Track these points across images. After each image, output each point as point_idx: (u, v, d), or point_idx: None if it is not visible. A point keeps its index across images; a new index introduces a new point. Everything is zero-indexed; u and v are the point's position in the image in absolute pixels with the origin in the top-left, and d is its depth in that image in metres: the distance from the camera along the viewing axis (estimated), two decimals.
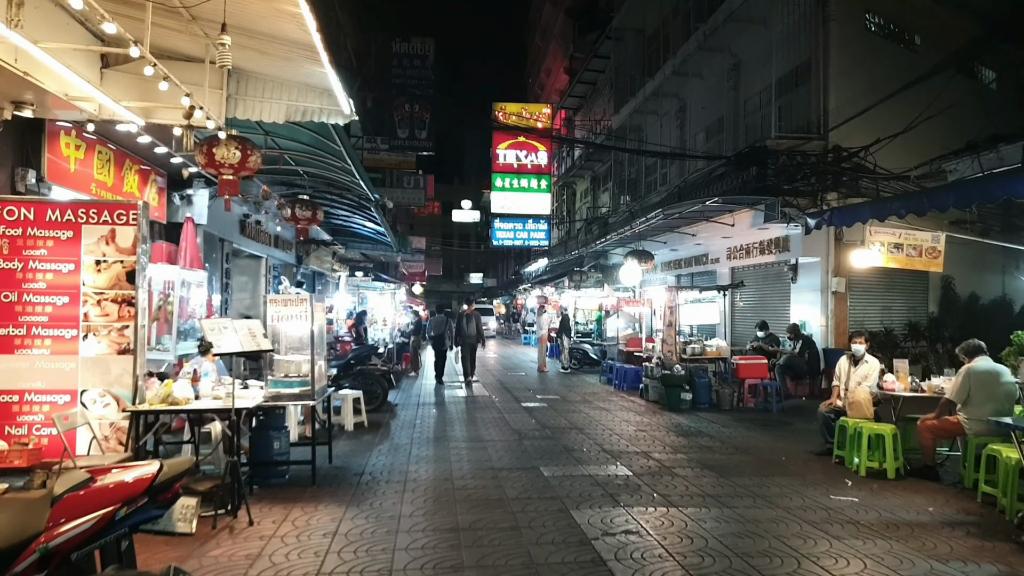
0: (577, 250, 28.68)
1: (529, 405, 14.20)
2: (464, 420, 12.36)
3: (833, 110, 14.79)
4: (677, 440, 10.47)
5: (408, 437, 10.64)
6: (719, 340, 14.89)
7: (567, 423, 11.93)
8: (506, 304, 60.01)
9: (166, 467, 3.51)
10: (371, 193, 11.94)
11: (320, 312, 8.26)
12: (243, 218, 15.86)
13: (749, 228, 16.19)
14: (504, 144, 38.07)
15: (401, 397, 15.52)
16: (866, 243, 9.61)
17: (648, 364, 15.39)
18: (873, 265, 10.19)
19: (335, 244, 23.73)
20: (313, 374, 7.65)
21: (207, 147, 7.48)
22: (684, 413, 13.25)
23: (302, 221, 11.91)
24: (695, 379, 14.10)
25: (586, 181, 37.13)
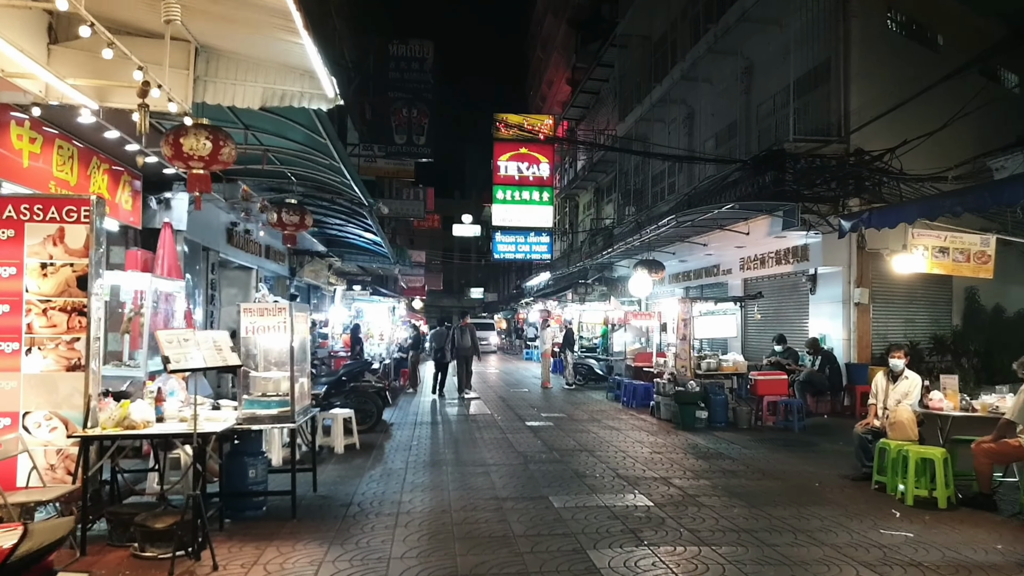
0: (581, 262, 27.83)
1: (534, 424, 13.31)
2: (464, 441, 11.46)
3: (854, 112, 13.99)
4: (696, 463, 9.57)
5: (403, 461, 9.74)
6: (735, 355, 14.02)
7: (576, 444, 11.03)
8: (507, 319, 59.15)
9: (33, 534, 2.58)
10: (364, 197, 11.10)
11: (302, 323, 7.40)
12: (230, 226, 15.04)
13: (765, 237, 15.34)
14: (505, 156, 37.41)
15: (397, 415, 14.63)
16: (908, 247, 8.74)
17: (659, 380, 14.50)
18: (916, 271, 9.31)
19: (330, 256, 22.89)
20: (293, 393, 6.78)
21: (173, 137, 6.63)
22: (700, 432, 12.35)
23: (289, 226, 11.07)
24: (710, 396, 13.21)
25: (589, 193, 36.36)
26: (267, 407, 6.80)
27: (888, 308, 14.79)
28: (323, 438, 10.61)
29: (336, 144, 8.11)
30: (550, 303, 35.04)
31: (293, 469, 6.89)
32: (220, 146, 6.77)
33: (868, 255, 14.20)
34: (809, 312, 15.30)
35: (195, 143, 6.65)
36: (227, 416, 6.59)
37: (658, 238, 16.82)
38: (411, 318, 44.64)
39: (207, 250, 13.86)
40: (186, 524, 5.49)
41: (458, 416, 14.74)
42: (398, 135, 21.36)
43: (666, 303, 15.23)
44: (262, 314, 6.73)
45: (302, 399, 7.19)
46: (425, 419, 14.16)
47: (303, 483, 7.84)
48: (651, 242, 16.71)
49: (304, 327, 7.46)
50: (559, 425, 13.18)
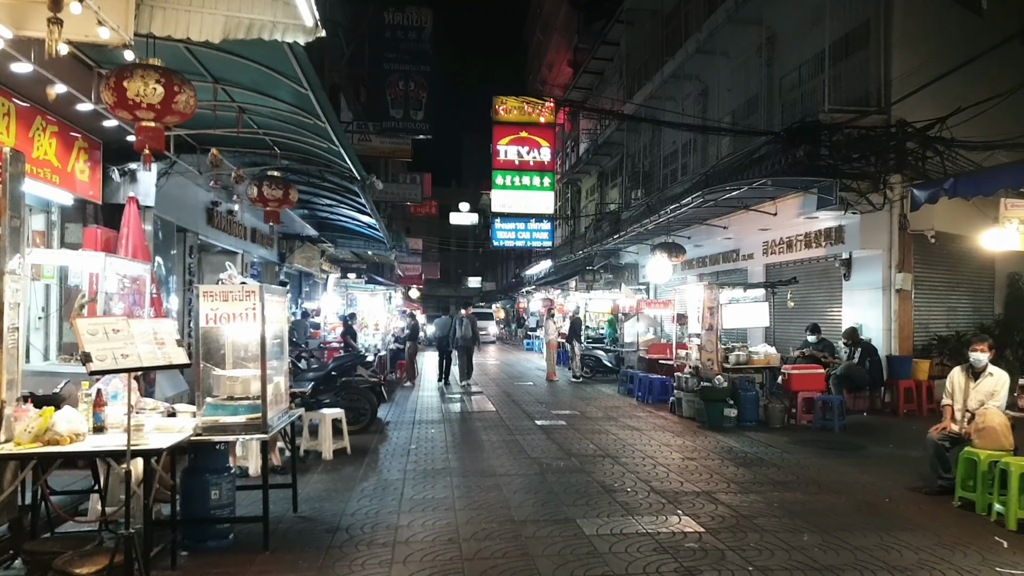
0: (586, 249, 26.55)
1: (544, 423, 12.05)
2: (469, 444, 10.19)
3: (896, 80, 12.69)
4: (738, 472, 8.32)
5: (400, 469, 8.47)
6: (766, 346, 12.75)
7: (595, 448, 9.77)
8: (506, 308, 57.93)
9: None
10: (356, 168, 9.79)
11: (279, 309, 6.11)
12: (211, 206, 13.72)
13: (794, 218, 14.06)
14: (505, 140, 36.17)
15: (394, 412, 13.36)
16: (1001, 220, 7.47)
17: (680, 374, 13.25)
18: (1011, 249, 8.04)
19: (323, 242, 21.57)
20: (265, 396, 5.49)
21: (115, 79, 5.34)
22: (730, 433, 11.12)
23: (272, 202, 9.77)
24: (740, 392, 11.97)
25: (592, 178, 35.04)
26: (234, 413, 5.51)
27: (930, 295, 13.54)
28: (309, 441, 9.35)
29: (320, 95, 6.79)
30: (554, 292, 33.80)
31: (265, 489, 5.60)
32: (174, 92, 5.48)
33: (910, 237, 12.93)
34: (842, 300, 14.03)
35: (142, 88, 5.36)
36: (183, 425, 5.31)
37: (675, 221, 15.54)
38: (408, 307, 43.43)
39: (184, 231, 12.57)
40: (118, 569, 4.22)
41: (460, 413, 13.47)
42: (394, 110, 20.00)
43: (689, 290, 13.92)
44: (226, 299, 5.44)
45: (277, 402, 5.91)
46: (424, 417, 12.89)
47: (281, 501, 6.60)
48: (669, 224, 15.41)
49: (281, 314, 6.17)
50: (572, 424, 11.92)
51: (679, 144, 21.83)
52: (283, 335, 6.30)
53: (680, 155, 21.13)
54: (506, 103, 36.61)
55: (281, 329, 6.23)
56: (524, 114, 36.50)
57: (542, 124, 36.60)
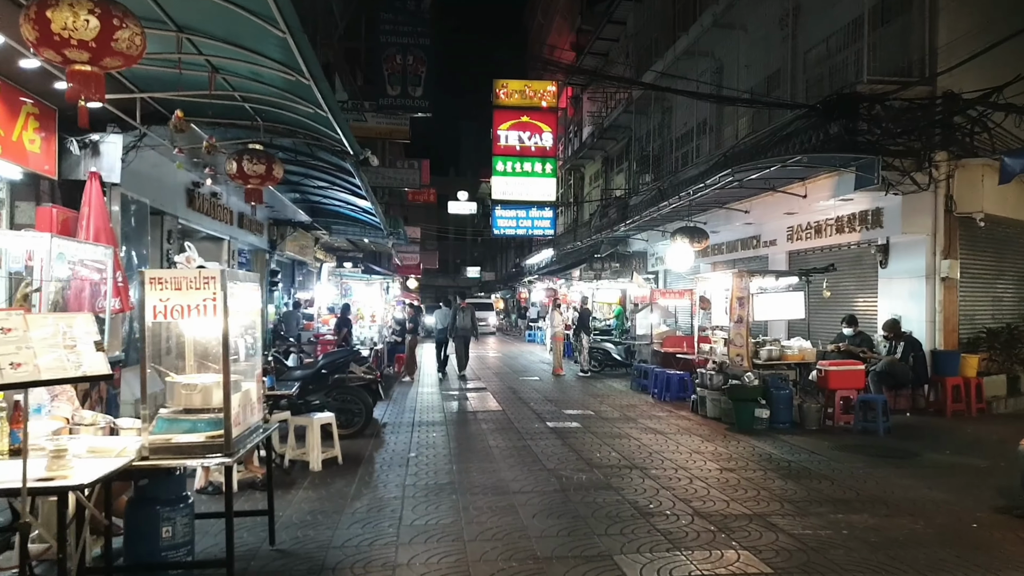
0: (593, 237, 25.39)
1: (557, 425, 10.94)
2: (476, 451, 9.08)
3: (943, 49, 11.56)
4: (787, 487, 7.22)
5: (398, 484, 7.36)
6: (800, 340, 11.63)
7: (618, 456, 8.66)
8: (505, 299, 56.86)
9: None
10: (348, 140, 8.63)
11: (249, 299, 4.98)
12: (192, 187, 12.57)
13: (827, 200, 12.92)
14: (505, 125, 35.14)
15: (391, 412, 12.26)
16: None
17: (703, 370, 12.16)
18: None
19: (317, 229, 20.40)
20: (229, 408, 4.37)
21: (37, 10, 4.20)
22: (763, 436, 10.04)
23: (253, 178, 8.64)
24: (772, 391, 10.88)
25: (596, 163, 33.87)
26: (191, 429, 4.40)
27: (975, 284, 12.44)
28: (295, 450, 8.25)
29: (301, 40, 5.62)
30: (557, 281, 32.71)
31: (229, 525, 4.48)
32: (113, 27, 4.35)
33: (956, 220, 11.83)
34: (877, 289, 12.90)
35: (71, 19, 4.24)
36: (124, 446, 4.20)
37: (693, 205, 14.38)
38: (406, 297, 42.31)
39: (160, 214, 11.41)
40: None
41: (463, 413, 12.36)
42: (391, 86, 18.78)
43: (715, 278, 12.82)
44: (179, 287, 4.31)
45: (248, 414, 4.79)
46: (424, 417, 11.78)
47: (257, 528, 5.49)
48: (690, 207, 14.26)
49: (252, 306, 5.03)
50: (588, 426, 10.82)
51: (691, 125, 20.70)
52: (256, 331, 5.17)
53: (696, 135, 19.97)
54: (507, 87, 35.53)
55: (253, 324, 5.11)
56: (525, 98, 35.42)
57: (544, 108, 35.52)
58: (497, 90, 35.24)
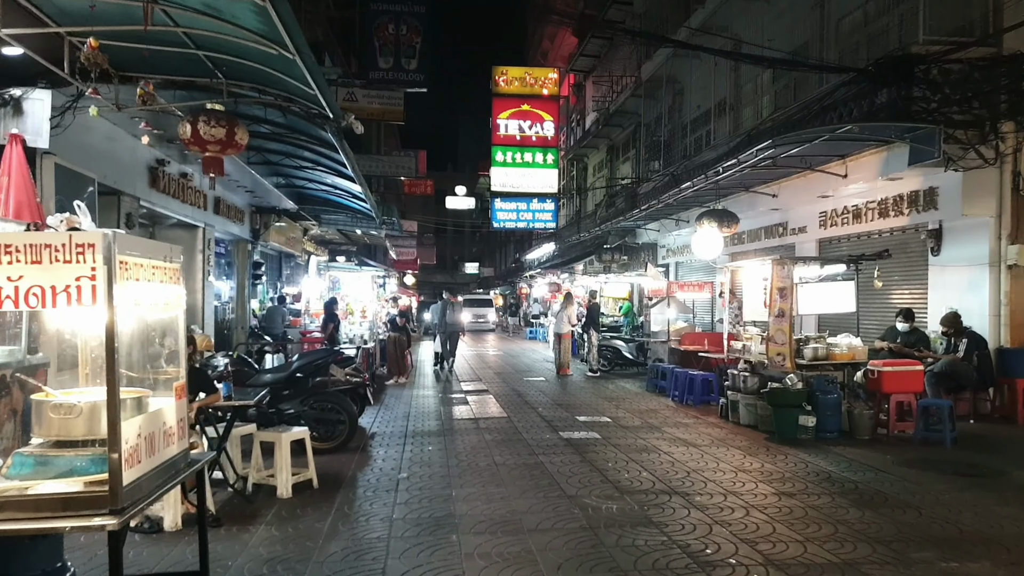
0: (597, 227, 23.92)
1: (573, 436, 9.50)
2: (480, 471, 7.63)
3: (1009, 3, 10.12)
4: (866, 519, 5.79)
5: (384, 518, 5.92)
6: (849, 337, 10.19)
7: (652, 477, 7.22)
8: (505, 295, 55.45)
9: None
10: (323, 95, 7.17)
11: (166, 278, 3.52)
12: (155, 165, 11.14)
13: (873, 179, 11.50)
14: (505, 113, 33.80)
15: (382, 420, 10.81)
16: None
17: (734, 371, 10.75)
18: None
19: (304, 218, 18.92)
20: (117, 440, 2.91)
21: None
22: (811, 448, 8.63)
23: (211, 145, 7.18)
24: (818, 395, 9.46)
25: (601, 152, 32.38)
26: (67, 472, 2.96)
27: None
28: (261, 471, 6.82)
29: None
30: (561, 275, 31.31)
31: None
32: None
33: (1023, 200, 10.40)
34: (927, 280, 11.47)
35: None
36: None
37: (717, 187, 12.91)
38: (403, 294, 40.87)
39: (117, 194, 9.97)
40: None
41: (463, 421, 10.91)
42: (383, 58, 17.29)
43: (748, 267, 11.39)
44: (38, 259, 2.86)
45: (156, 446, 3.33)
46: (419, 426, 10.33)
47: None
48: (717, 189, 12.79)
49: (170, 292, 3.57)
50: (609, 438, 9.38)
51: (705, 108, 19.26)
52: (178, 326, 3.72)
53: (713, 116, 18.50)
54: (506, 74, 34.20)
55: (172, 319, 3.66)
56: (526, 86, 34.07)
57: (545, 96, 34.17)
58: (496, 77, 33.89)
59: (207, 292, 14.12)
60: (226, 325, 16.18)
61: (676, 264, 21.90)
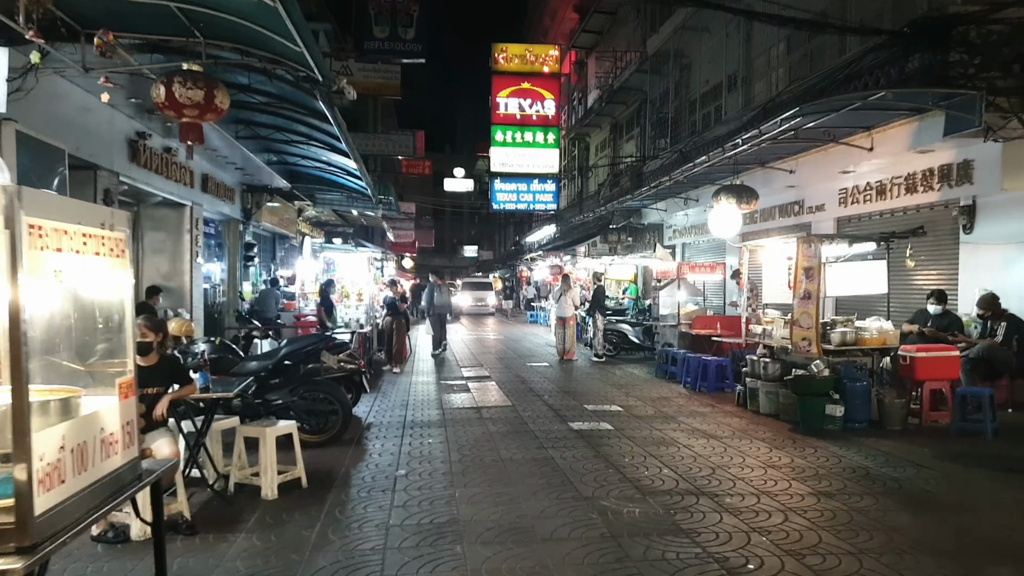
0: (602, 208, 23.20)
1: (583, 427, 8.85)
2: (485, 466, 6.97)
3: None
4: (920, 525, 5.17)
5: (379, 524, 5.27)
6: (879, 320, 9.53)
7: (674, 475, 6.57)
8: (504, 278, 54.79)
9: None
10: (309, 52, 6.46)
11: (107, 252, 2.83)
12: (135, 138, 10.44)
13: (903, 152, 10.79)
14: (505, 92, 33.03)
15: (379, 409, 10.16)
16: None
17: (753, 357, 10.11)
18: None
19: (299, 198, 18.19)
20: (27, 455, 2.25)
21: None
22: (840, 440, 8.02)
23: (187, 108, 6.47)
24: (845, 383, 8.82)
25: (603, 131, 31.60)
26: None
27: None
28: (244, 469, 6.17)
29: None
30: (564, 258, 30.65)
31: None
32: None
33: None
34: (957, 260, 10.80)
35: None
36: None
37: (735, 161, 12.21)
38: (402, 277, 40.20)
39: (93, 168, 9.28)
40: None
41: (465, 409, 10.25)
42: (379, 27, 16.49)
43: (771, 246, 10.71)
44: None
45: (90, 459, 2.66)
46: (418, 416, 9.67)
47: None
48: (735, 164, 12.08)
49: (105, 267, 2.89)
50: (621, 428, 8.73)
51: (715, 82, 18.59)
52: (123, 309, 3.04)
53: (724, 90, 17.78)
54: (506, 51, 33.39)
55: (116, 301, 2.98)
56: (526, 63, 33.28)
57: (546, 74, 33.39)
58: (496, 55, 33.09)
59: (196, 274, 13.47)
60: (217, 309, 15.51)
61: (683, 245, 21.23)
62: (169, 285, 13.10)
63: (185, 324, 7.14)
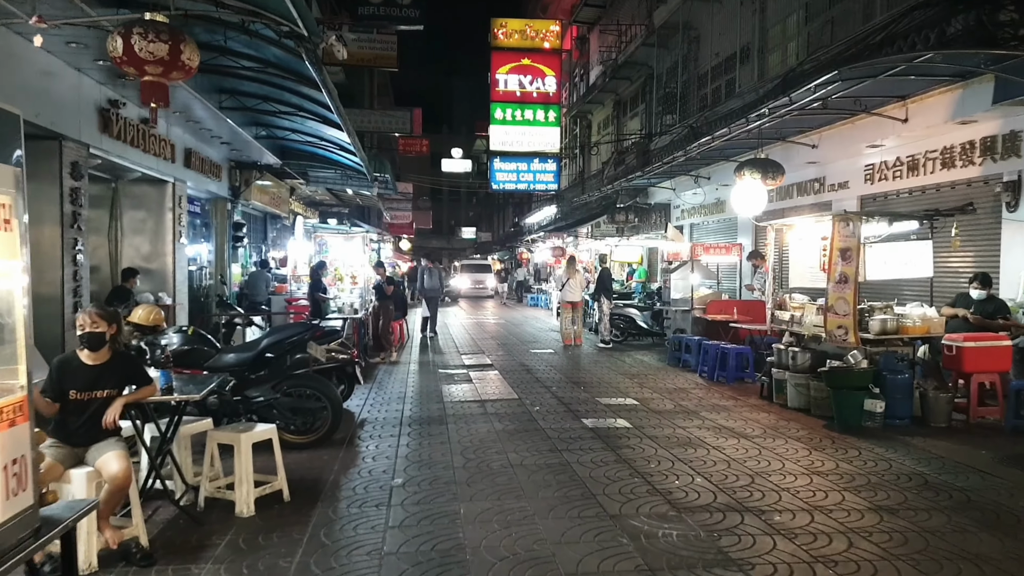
0: (605, 187, 22.32)
1: (598, 424, 8.04)
2: (493, 475, 6.16)
3: None
4: (1008, 549, 4.38)
5: (371, 555, 4.45)
6: (922, 306, 8.70)
7: (709, 484, 5.78)
8: (503, 260, 53.91)
9: None
10: (295, 7, 5.60)
11: None
12: (107, 106, 9.55)
13: (941, 122, 9.93)
14: (505, 68, 32.06)
15: (374, 403, 9.35)
16: None
17: (780, 346, 9.31)
18: None
19: (292, 176, 17.28)
20: None
21: None
22: (883, 439, 7.24)
23: (150, 65, 5.63)
24: (886, 375, 8.03)
25: (606, 108, 30.65)
26: None
27: None
28: (218, 481, 5.37)
29: None
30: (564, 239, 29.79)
31: None
32: None
33: None
34: (1000, 240, 9.97)
35: None
36: None
37: (760, 133, 11.32)
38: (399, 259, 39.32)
39: (58, 139, 8.41)
40: None
41: (468, 403, 9.44)
42: None
43: (800, 224, 9.87)
44: None
45: None
46: (417, 411, 8.85)
47: None
48: (761, 135, 11.19)
49: None
50: (642, 427, 7.93)
51: (726, 55, 17.68)
52: (10, 301, 2.22)
53: (738, 62, 16.86)
54: (506, 26, 32.34)
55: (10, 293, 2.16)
56: (526, 39, 32.28)
57: (547, 50, 32.40)
58: (495, 30, 32.06)
59: (179, 255, 12.62)
60: (203, 293, 14.66)
61: (691, 226, 20.39)
62: (150, 267, 12.27)
63: (153, 311, 6.31)
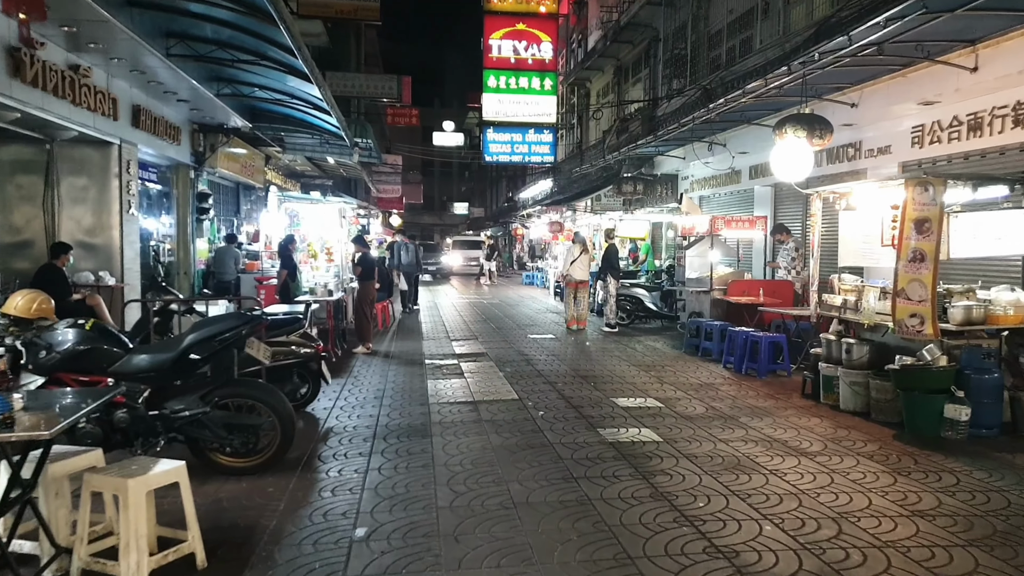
0: (607, 157, 20.69)
1: (619, 438, 6.48)
2: (491, 524, 4.62)
3: None
4: None
5: None
6: (1013, 290, 7.16)
7: (788, 544, 4.26)
8: (496, 236, 52.29)
9: None
10: None
11: None
12: (18, 46, 7.87)
13: (1018, 71, 8.37)
14: (498, 33, 30.56)
15: (345, 404, 7.78)
16: None
17: (830, 337, 7.82)
18: None
19: (268, 144, 15.59)
20: None
21: None
22: (977, 457, 5.80)
23: None
24: (971, 376, 6.53)
25: (606, 75, 28.90)
26: None
27: None
28: (98, 544, 3.81)
29: None
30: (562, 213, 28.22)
31: None
32: None
33: None
34: None
35: None
36: None
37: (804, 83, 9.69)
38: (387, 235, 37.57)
39: None
40: None
41: (459, 407, 7.87)
42: None
43: (860, 189, 8.30)
44: None
45: None
46: (396, 418, 7.27)
47: None
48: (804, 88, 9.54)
49: None
50: (673, 439, 6.40)
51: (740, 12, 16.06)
52: None
53: (757, 16, 15.20)
54: None
55: None
56: (521, 2, 30.76)
57: (542, 14, 30.94)
58: None
59: (128, 229, 11.01)
60: (162, 270, 13.06)
61: (700, 198, 18.83)
62: (93, 242, 10.69)
63: (37, 300, 4.75)
